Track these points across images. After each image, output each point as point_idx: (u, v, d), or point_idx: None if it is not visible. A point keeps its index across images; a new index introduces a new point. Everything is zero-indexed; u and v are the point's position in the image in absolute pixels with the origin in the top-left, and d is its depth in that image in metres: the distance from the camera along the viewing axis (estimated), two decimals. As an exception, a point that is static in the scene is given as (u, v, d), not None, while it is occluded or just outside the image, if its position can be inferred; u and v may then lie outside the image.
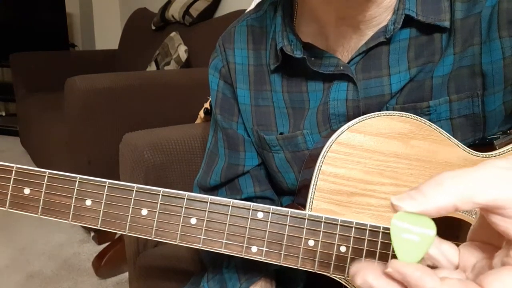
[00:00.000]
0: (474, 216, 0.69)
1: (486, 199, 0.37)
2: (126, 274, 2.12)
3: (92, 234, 2.44)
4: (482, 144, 0.73)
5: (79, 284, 2.10)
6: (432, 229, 0.39)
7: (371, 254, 0.68)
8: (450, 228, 0.76)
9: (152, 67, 2.96)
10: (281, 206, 0.92)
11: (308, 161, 0.78)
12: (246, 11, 0.99)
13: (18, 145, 3.69)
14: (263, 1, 0.92)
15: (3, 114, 4.82)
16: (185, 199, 0.69)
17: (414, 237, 0.40)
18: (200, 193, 0.97)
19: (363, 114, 0.76)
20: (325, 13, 0.78)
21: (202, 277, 0.90)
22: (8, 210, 0.72)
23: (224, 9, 2.95)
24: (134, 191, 0.70)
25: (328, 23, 0.79)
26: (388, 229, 0.68)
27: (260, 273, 0.82)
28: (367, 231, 0.68)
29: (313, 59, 0.80)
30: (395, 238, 0.40)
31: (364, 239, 0.68)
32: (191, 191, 0.95)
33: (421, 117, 0.72)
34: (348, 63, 0.79)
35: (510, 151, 0.69)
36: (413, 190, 0.39)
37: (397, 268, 0.38)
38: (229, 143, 0.94)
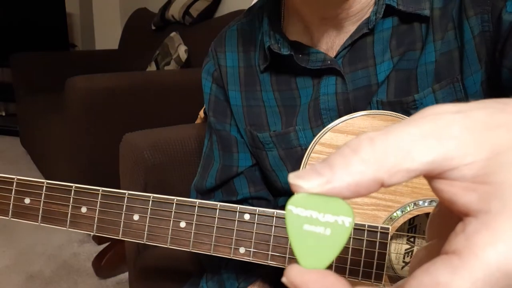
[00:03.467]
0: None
1: (421, 162, 0.26)
2: (126, 274, 2.13)
3: (92, 234, 2.44)
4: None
5: (79, 284, 2.10)
6: (348, 215, 0.27)
7: (357, 253, 0.69)
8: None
9: (152, 67, 2.96)
10: (277, 206, 0.94)
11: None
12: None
13: (18, 145, 3.69)
14: (253, 6, 0.94)
15: (3, 114, 4.82)
16: (174, 204, 0.71)
17: (322, 230, 0.27)
18: (197, 196, 0.98)
19: (353, 107, 0.78)
20: (308, 13, 0.80)
21: (202, 277, 0.92)
22: (11, 219, 0.75)
23: (224, 9, 2.95)
24: (126, 197, 0.72)
25: (311, 23, 0.81)
26: (375, 227, 0.69)
27: (258, 273, 0.84)
28: (352, 229, 0.69)
29: (300, 56, 0.82)
30: (294, 233, 0.28)
31: (350, 237, 0.69)
32: (191, 192, 0.97)
33: (408, 112, 0.73)
34: (335, 57, 0.80)
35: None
36: (321, 162, 0.27)
37: (295, 279, 0.27)
38: (223, 144, 0.96)
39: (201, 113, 1.57)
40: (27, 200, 0.74)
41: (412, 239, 0.81)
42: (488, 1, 0.69)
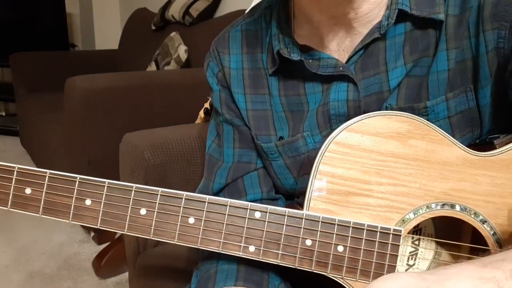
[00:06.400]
0: (472, 216, 0.69)
1: None
2: (126, 274, 2.12)
3: (92, 234, 2.44)
4: (483, 143, 0.73)
5: (79, 284, 2.10)
6: None
7: (368, 254, 0.68)
8: (451, 228, 0.76)
9: (152, 67, 2.96)
10: (283, 204, 0.92)
11: (308, 165, 0.78)
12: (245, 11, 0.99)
13: (18, 145, 3.69)
14: (257, 6, 0.92)
15: (3, 114, 4.83)
16: (183, 199, 0.70)
17: None
18: None
19: (364, 113, 0.76)
20: (317, 13, 0.78)
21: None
22: (10, 209, 0.72)
23: (224, 9, 2.95)
24: (133, 191, 0.70)
25: (320, 23, 0.79)
26: (386, 229, 0.68)
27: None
28: (365, 230, 0.68)
29: (310, 61, 0.80)
30: None
31: (362, 238, 0.68)
32: (192, 192, 0.94)
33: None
34: (346, 62, 0.79)
35: (509, 150, 0.69)
36: None
37: None
38: (242, 140, 0.92)
39: (201, 113, 1.56)
40: (28, 190, 0.72)
41: (416, 242, 0.80)
42: (508, 17, 0.68)
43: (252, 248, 0.70)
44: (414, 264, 0.80)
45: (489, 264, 0.54)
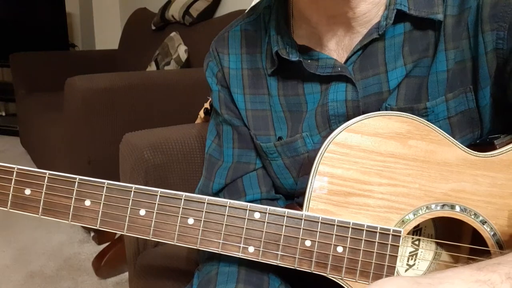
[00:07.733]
0: (472, 217, 0.69)
1: None
2: (126, 274, 2.12)
3: (92, 234, 2.44)
4: (483, 143, 0.73)
5: (79, 284, 2.10)
6: None
7: (368, 255, 0.68)
8: (452, 229, 0.76)
9: (152, 67, 2.96)
10: (283, 204, 0.92)
11: (308, 166, 0.78)
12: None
13: (18, 145, 3.69)
14: (256, 5, 0.92)
15: (3, 114, 4.82)
16: (183, 200, 0.70)
17: None
18: None
19: (363, 113, 0.75)
20: (315, 13, 0.78)
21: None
22: (10, 210, 0.72)
23: (224, 9, 2.95)
24: (132, 192, 0.70)
25: (319, 23, 0.79)
26: (386, 229, 0.68)
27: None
28: (364, 231, 0.68)
29: (309, 61, 0.80)
30: None
31: (361, 239, 0.68)
32: (191, 192, 0.94)
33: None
34: (345, 63, 0.79)
35: (510, 150, 0.69)
36: None
37: None
38: (241, 141, 0.92)
39: (201, 113, 1.55)
40: (27, 191, 0.71)
41: (416, 242, 0.80)
42: (506, 18, 0.68)
43: (251, 249, 0.70)
44: (414, 265, 0.80)
45: (484, 267, 0.55)
